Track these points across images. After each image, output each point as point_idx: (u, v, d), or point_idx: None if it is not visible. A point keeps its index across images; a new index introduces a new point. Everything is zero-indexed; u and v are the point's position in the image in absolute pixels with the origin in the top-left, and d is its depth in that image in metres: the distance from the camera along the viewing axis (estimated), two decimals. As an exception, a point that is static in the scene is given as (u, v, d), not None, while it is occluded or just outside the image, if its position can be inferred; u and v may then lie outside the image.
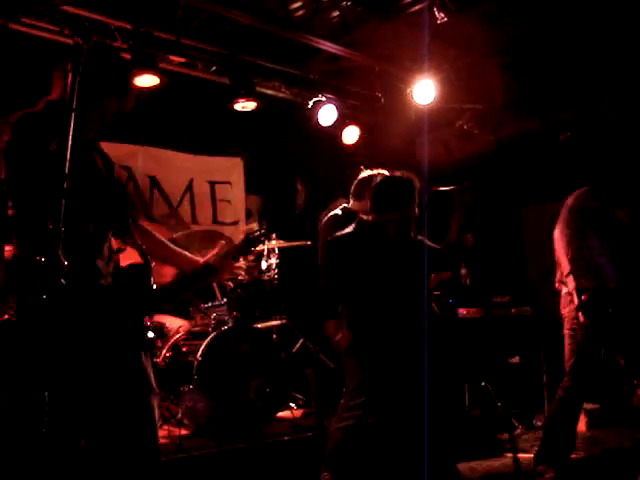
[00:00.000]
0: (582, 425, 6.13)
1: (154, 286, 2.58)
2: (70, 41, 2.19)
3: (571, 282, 4.49)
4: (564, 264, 4.55)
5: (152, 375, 2.58)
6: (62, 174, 1.85)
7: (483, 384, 6.13)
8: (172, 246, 2.93)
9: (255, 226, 2.87)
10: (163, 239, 2.92)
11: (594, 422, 6.12)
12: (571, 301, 4.54)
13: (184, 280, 2.83)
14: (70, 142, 1.89)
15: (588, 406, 6.21)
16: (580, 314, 4.45)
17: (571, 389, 4.59)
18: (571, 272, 4.47)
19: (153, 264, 2.60)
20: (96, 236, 2.42)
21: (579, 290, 4.45)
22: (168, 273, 5.25)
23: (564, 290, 4.64)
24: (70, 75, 1.98)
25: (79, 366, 2.28)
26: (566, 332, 4.62)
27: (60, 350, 2.07)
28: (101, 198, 2.47)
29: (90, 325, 2.30)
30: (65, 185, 1.86)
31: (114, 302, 2.39)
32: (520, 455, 5.27)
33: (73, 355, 2.23)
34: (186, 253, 2.94)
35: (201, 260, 2.90)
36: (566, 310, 4.62)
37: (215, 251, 2.96)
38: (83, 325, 2.27)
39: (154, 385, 2.56)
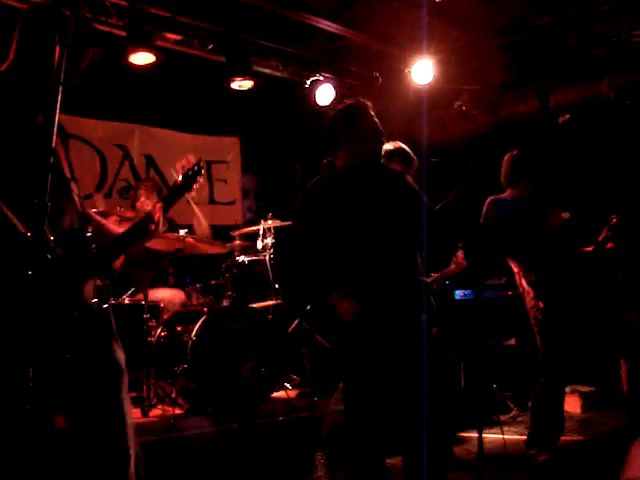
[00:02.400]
0: (577, 407, 6.17)
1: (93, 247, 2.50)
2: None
3: (521, 278, 4.80)
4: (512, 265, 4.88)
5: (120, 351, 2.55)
6: (48, 148, 1.82)
7: (478, 366, 6.16)
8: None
9: (192, 159, 2.68)
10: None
11: (589, 404, 6.14)
12: (528, 293, 4.76)
13: (126, 234, 2.70)
14: (57, 116, 1.86)
15: (583, 388, 6.25)
16: (539, 301, 4.67)
17: (549, 374, 4.68)
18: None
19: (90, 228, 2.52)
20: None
21: (530, 282, 4.71)
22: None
23: (520, 289, 4.89)
24: (58, 48, 1.95)
25: (58, 342, 2.26)
26: (532, 322, 4.78)
27: (43, 326, 2.05)
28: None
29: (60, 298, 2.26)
30: (51, 160, 1.83)
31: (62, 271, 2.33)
32: (515, 437, 5.31)
33: (54, 331, 2.21)
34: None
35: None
36: (529, 305, 4.80)
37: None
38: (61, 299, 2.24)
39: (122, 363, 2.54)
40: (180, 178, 2.92)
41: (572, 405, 6.15)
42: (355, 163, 3.40)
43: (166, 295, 5.56)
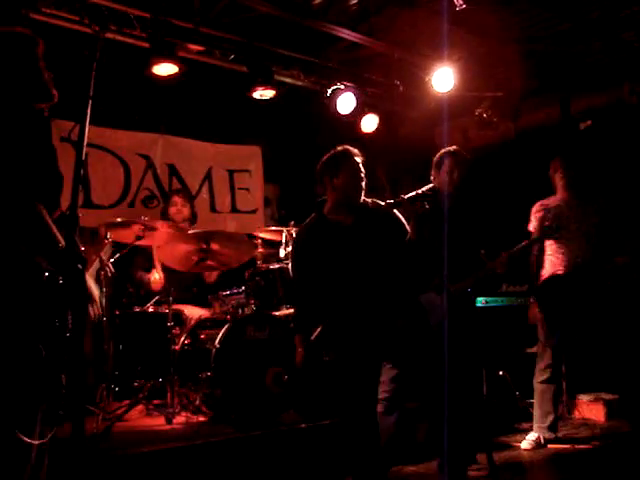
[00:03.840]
0: (601, 415, 6.12)
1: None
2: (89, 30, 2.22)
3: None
4: None
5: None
6: (79, 162, 1.86)
7: (501, 373, 6.14)
8: None
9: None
10: None
11: (613, 412, 6.10)
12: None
13: None
14: (87, 130, 1.90)
15: (607, 396, 6.20)
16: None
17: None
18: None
19: None
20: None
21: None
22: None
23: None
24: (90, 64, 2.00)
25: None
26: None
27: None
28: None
29: None
30: (81, 173, 1.87)
31: None
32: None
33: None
34: None
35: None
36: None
37: None
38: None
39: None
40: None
41: (596, 413, 6.12)
42: (340, 202, 4.03)
43: (192, 315, 5.60)
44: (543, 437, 5.31)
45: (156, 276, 5.76)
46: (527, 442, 5.30)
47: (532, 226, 5.48)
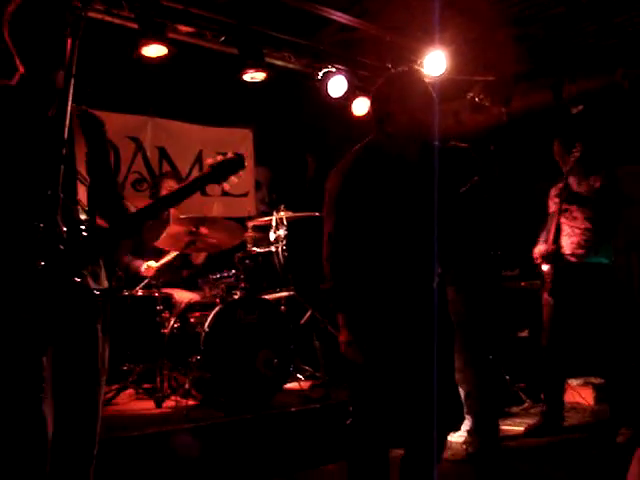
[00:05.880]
0: (590, 399, 6.15)
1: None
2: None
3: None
4: None
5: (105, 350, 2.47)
6: (61, 140, 1.83)
7: (491, 357, 6.14)
8: None
9: (230, 154, 2.31)
10: None
11: (602, 396, 6.12)
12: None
13: (137, 213, 2.53)
14: (69, 108, 1.87)
15: (596, 380, 6.23)
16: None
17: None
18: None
19: None
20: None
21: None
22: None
23: None
24: (70, 40, 1.96)
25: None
26: None
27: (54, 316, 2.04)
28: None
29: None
30: (64, 151, 1.84)
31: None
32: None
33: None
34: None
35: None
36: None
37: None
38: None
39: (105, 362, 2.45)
40: (210, 167, 2.61)
41: (586, 397, 6.15)
42: (406, 131, 3.11)
43: (182, 299, 5.57)
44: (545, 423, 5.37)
45: (152, 264, 5.68)
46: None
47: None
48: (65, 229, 1.96)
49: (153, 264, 5.66)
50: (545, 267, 5.30)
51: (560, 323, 5.26)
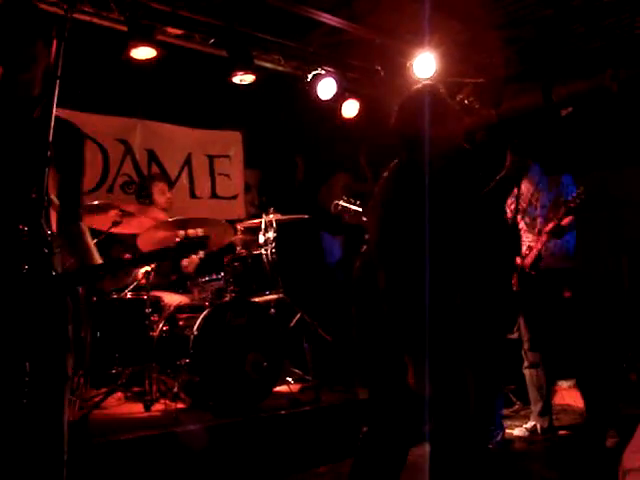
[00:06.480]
0: (580, 401, 6.14)
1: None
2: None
3: None
4: None
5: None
6: (46, 142, 1.81)
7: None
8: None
9: (200, 231, 2.28)
10: None
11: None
12: None
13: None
14: (54, 110, 1.85)
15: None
16: None
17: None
18: None
19: None
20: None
21: None
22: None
23: None
24: (55, 42, 1.94)
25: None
26: None
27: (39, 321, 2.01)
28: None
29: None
30: (49, 153, 1.82)
31: None
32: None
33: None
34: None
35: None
36: None
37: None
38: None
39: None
40: (176, 244, 2.55)
41: (576, 399, 6.14)
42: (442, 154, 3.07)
43: (171, 302, 5.54)
44: (540, 426, 5.37)
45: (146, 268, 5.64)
46: (520, 430, 5.39)
47: None
48: (49, 232, 1.95)
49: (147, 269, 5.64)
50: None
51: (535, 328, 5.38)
